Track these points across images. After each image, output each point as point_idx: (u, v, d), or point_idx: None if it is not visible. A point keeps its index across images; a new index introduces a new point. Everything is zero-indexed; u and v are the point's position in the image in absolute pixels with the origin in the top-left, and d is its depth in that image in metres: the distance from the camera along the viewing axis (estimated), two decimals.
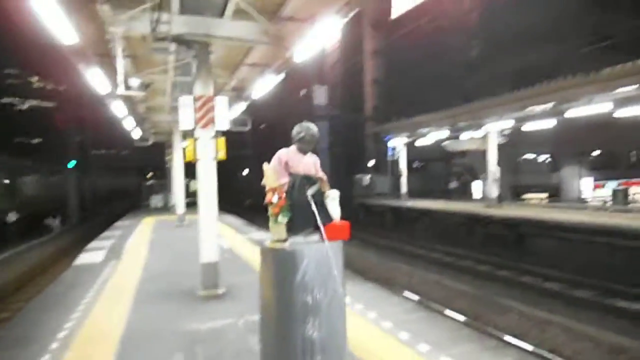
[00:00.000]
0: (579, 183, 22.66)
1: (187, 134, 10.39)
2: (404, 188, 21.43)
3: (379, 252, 14.95)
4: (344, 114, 37.36)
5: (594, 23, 20.72)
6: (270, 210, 2.75)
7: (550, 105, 13.37)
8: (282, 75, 8.85)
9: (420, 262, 13.06)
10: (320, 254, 2.65)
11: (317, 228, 2.81)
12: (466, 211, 15.17)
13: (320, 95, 43.01)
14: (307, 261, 2.58)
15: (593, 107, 12.29)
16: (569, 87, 12.41)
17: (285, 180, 2.89)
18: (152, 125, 17.19)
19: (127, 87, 7.03)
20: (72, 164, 28.29)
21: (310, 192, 2.84)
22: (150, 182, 26.53)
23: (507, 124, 15.55)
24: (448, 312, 7.89)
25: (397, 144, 21.74)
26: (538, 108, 13.86)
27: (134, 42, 7.15)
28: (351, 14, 5.56)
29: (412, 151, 22.75)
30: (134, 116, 14.13)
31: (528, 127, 15.68)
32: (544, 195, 21.99)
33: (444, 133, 18.60)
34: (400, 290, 9.51)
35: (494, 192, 15.98)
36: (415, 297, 8.68)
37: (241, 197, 42.02)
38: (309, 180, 2.92)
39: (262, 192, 2.80)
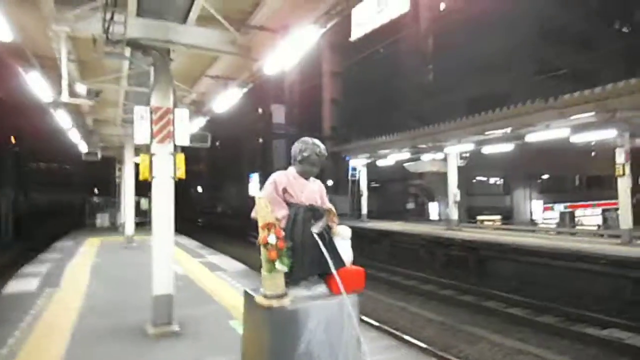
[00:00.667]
0: (530, 205, 23.52)
1: (141, 149, 9.56)
2: (364, 209, 21.20)
3: None
4: (302, 133, 37.02)
5: (541, 55, 21.88)
6: (265, 254, 1.96)
7: (509, 129, 13.62)
8: (246, 89, 8.31)
9: (383, 286, 12.70)
10: (331, 312, 1.90)
11: (322, 276, 2.10)
12: (427, 233, 15.07)
13: (279, 114, 42.67)
14: (315, 323, 1.81)
15: (550, 133, 12.61)
16: (527, 113, 12.69)
17: (284, 212, 2.15)
18: (101, 139, 15.98)
19: (73, 95, 6.23)
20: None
21: (315, 229, 2.09)
22: (97, 198, 24.79)
23: (467, 147, 15.73)
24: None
25: (358, 164, 21.58)
26: (497, 132, 14.10)
27: (82, 44, 6.39)
28: (329, 25, 5.15)
29: (371, 171, 22.70)
30: (81, 128, 13.00)
31: (486, 150, 15.96)
32: (497, 217, 22.55)
33: (405, 154, 18.61)
34: (368, 317, 9.06)
35: (454, 214, 16.04)
36: (392, 330, 8.25)
37: (194, 216, 40.52)
38: (314, 212, 2.18)
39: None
